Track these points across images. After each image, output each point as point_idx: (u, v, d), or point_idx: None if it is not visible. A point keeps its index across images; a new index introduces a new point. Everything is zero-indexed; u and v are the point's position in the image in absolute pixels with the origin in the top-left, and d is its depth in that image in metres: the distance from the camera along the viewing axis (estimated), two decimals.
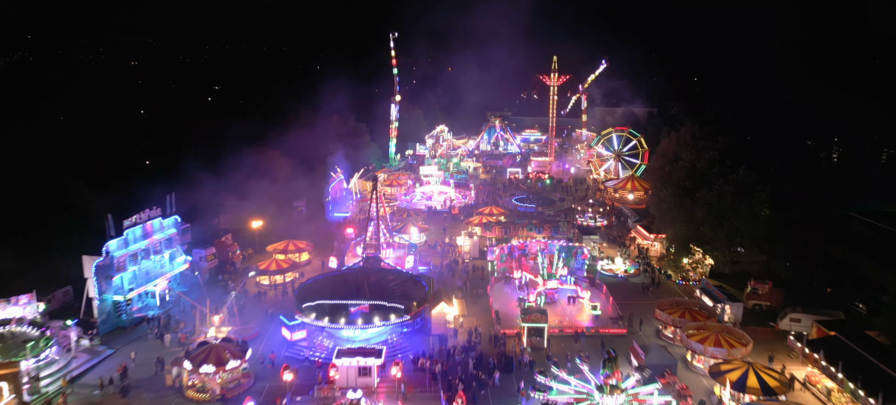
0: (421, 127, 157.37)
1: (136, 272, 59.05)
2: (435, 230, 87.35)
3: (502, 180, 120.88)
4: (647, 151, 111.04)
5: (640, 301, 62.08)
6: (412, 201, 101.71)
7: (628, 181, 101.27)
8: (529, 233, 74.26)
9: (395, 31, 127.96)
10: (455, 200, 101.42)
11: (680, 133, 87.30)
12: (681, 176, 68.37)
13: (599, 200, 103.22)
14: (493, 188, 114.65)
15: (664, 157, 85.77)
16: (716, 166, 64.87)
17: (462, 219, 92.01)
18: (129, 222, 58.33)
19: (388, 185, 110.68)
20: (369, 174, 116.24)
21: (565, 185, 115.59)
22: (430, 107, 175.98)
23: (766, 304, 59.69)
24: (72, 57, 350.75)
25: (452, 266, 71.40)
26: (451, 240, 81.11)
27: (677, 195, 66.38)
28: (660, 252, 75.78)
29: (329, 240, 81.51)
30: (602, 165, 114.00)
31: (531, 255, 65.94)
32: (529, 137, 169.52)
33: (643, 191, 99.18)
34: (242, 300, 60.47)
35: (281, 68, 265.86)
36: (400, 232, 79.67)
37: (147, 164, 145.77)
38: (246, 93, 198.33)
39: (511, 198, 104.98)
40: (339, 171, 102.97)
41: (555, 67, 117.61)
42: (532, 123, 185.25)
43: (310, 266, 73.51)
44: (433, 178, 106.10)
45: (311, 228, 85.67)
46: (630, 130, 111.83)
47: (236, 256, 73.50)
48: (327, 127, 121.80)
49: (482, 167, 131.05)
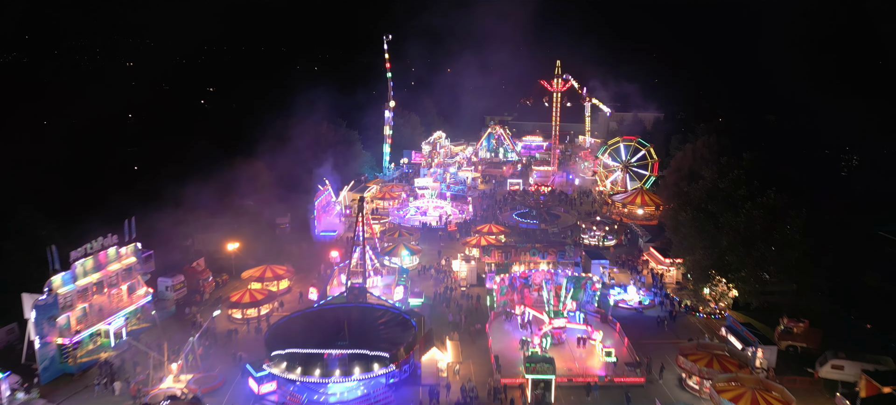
0: (417, 133, 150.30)
1: (87, 309, 52.06)
2: (429, 250, 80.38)
3: (502, 192, 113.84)
4: (657, 162, 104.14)
5: (657, 339, 55.09)
6: (405, 217, 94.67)
7: (638, 195, 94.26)
8: (532, 259, 67.18)
9: (388, 34, 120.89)
10: (451, 216, 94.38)
11: (696, 146, 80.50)
12: (701, 197, 61.30)
13: (607, 216, 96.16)
14: (492, 201, 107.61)
15: (679, 172, 78.94)
16: (742, 187, 57.82)
17: (458, 238, 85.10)
18: (78, 253, 51.34)
19: (380, 198, 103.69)
20: (361, 185, 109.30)
21: (569, 198, 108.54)
22: (427, 112, 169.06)
23: (801, 346, 52.72)
24: (66, 57, 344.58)
25: (447, 295, 64.35)
26: (446, 263, 74.16)
27: (698, 219, 59.33)
28: (676, 278, 68.85)
29: (314, 264, 74.57)
30: (608, 177, 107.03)
31: (535, 286, 58.94)
32: (531, 143, 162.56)
33: (654, 205, 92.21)
34: (208, 340, 53.50)
35: (265, 72, 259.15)
36: (390, 254, 72.65)
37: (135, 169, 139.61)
38: (224, 99, 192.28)
39: (511, 212, 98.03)
40: (328, 184, 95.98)
41: (558, 72, 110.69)
42: (533, 128, 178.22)
43: (290, 294, 66.54)
44: (428, 191, 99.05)
45: (295, 250, 78.61)
46: (639, 140, 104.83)
47: (208, 284, 66.42)
48: (316, 135, 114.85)
49: (481, 177, 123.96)
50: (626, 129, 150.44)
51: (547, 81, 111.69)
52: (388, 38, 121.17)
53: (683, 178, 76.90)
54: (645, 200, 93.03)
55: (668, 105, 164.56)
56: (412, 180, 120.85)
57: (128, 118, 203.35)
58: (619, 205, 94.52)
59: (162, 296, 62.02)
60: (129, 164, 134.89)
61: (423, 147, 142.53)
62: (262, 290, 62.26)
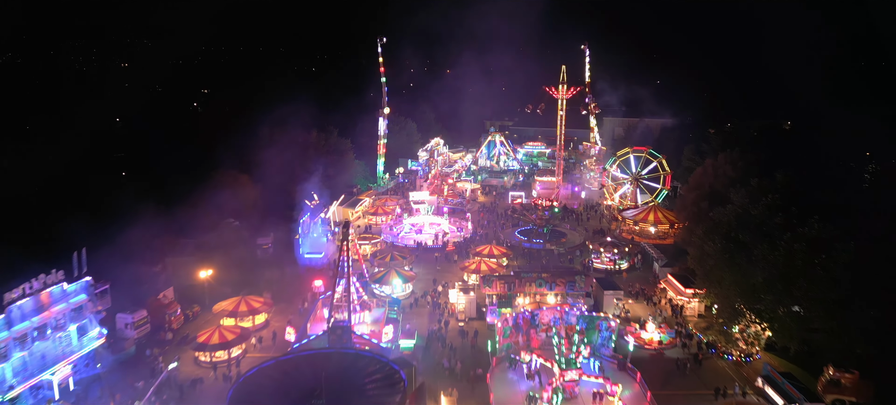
0: (414, 141, 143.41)
1: (27, 358, 44.99)
2: (424, 275, 73.40)
3: (503, 205, 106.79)
4: (670, 175, 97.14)
5: (684, 390, 48.10)
6: (399, 235, 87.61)
7: (650, 211, 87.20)
8: (538, 290, 60.12)
9: (382, 36, 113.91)
10: (449, 234, 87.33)
11: (716, 161, 73.36)
12: (730, 223, 54.24)
13: (617, 234, 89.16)
14: (493, 216, 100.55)
15: (698, 191, 71.88)
16: (778, 214, 50.75)
17: (456, 260, 78.11)
18: (14, 296, 44.28)
19: (372, 213, 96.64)
20: (352, 199, 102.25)
21: (576, 213, 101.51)
22: (425, 117, 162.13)
23: (850, 401, 45.70)
24: (61, 59, 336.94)
25: (442, 331, 57.24)
26: (443, 290, 67.18)
27: (727, 249, 52.28)
28: (698, 311, 61.86)
29: (296, 292, 67.52)
30: (617, 190, 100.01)
31: (543, 326, 51.92)
32: (533, 150, 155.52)
33: (668, 223, 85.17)
34: (165, 393, 46.43)
35: (250, 75, 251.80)
36: (380, 281, 65.57)
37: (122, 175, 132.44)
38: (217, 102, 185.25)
39: (513, 229, 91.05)
40: (316, 199, 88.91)
41: (563, 79, 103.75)
42: (535, 134, 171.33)
43: (268, 329, 59.52)
44: (424, 207, 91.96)
45: (277, 275, 71.61)
46: (650, 150, 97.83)
47: (175, 319, 59.30)
48: (305, 144, 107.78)
49: (480, 188, 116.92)
50: (632, 135, 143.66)
51: (551, 87, 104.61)
52: (382, 41, 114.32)
53: (703, 196, 69.87)
54: (658, 217, 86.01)
55: (676, 109, 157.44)
56: (407, 192, 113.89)
57: (115, 122, 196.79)
58: (630, 223, 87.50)
59: (121, 335, 55.06)
60: (115, 171, 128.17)
61: (419, 154, 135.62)
62: (234, 328, 55.11)
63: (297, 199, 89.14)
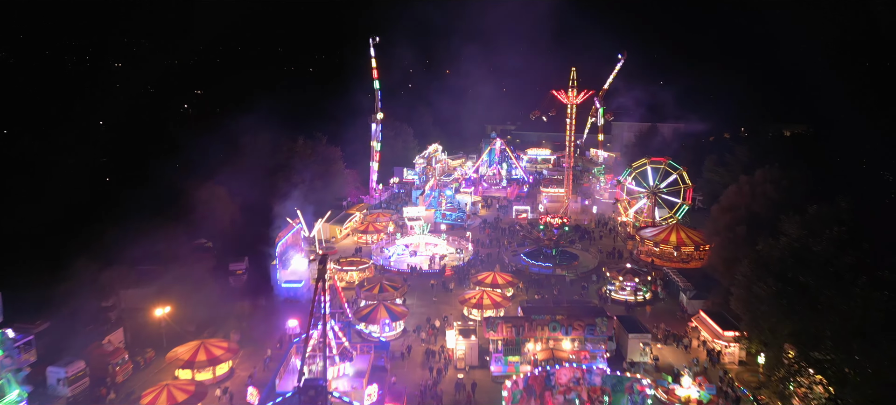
0: (410, 147, 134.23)
1: None
2: (418, 306, 64.31)
3: (507, 220, 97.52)
4: (691, 189, 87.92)
5: None
6: (391, 258, 78.37)
7: (672, 231, 77.97)
8: (552, 335, 50.84)
9: (375, 35, 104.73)
10: (447, 257, 78.06)
11: (754, 179, 64.09)
12: (784, 260, 44.98)
13: (635, 257, 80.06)
14: (496, 233, 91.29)
15: (733, 213, 62.68)
16: (847, 252, 41.50)
17: (453, 288, 68.97)
18: None
19: (361, 231, 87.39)
20: (341, 214, 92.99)
21: (586, 229, 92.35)
22: (422, 121, 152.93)
23: None
24: (56, 58, 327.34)
25: (437, 387, 47.98)
26: (440, 326, 58.05)
27: (784, 293, 43.03)
28: (738, 357, 52.69)
29: (269, 331, 58.26)
30: (632, 205, 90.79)
31: (560, 388, 42.72)
32: (537, 157, 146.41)
33: (693, 244, 75.94)
34: None
35: (231, 73, 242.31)
36: (366, 319, 56.35)
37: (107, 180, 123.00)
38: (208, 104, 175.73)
39: (518, 249, 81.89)
40: (299, 216, 79.73)
41: (573, 82, 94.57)
42: (538, 140, 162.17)
43: (234, 379, 50.31)
44: (419, 225, 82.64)
45: (250, 308, 62.39)
46: (669, 162, 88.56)
47: (121, 369, 49.95)
48: (289, 152, 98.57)
49: (482, 201, 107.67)
50: (644, 141, 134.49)
51: (560, 90, 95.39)
52: (375, 41, 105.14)
53: (739, 220, 60.61)
54: (681, 238, 76.78)
55: (692, 114, 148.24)
56: (403, 206, 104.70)
57: (98, 125, 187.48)
58: (650, 244, 78.26)
59: (52, 393, 45.84)
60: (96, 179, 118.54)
61: (416, 161, 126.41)
62: (187, 386, 45.72)
63: (279, 216, 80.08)
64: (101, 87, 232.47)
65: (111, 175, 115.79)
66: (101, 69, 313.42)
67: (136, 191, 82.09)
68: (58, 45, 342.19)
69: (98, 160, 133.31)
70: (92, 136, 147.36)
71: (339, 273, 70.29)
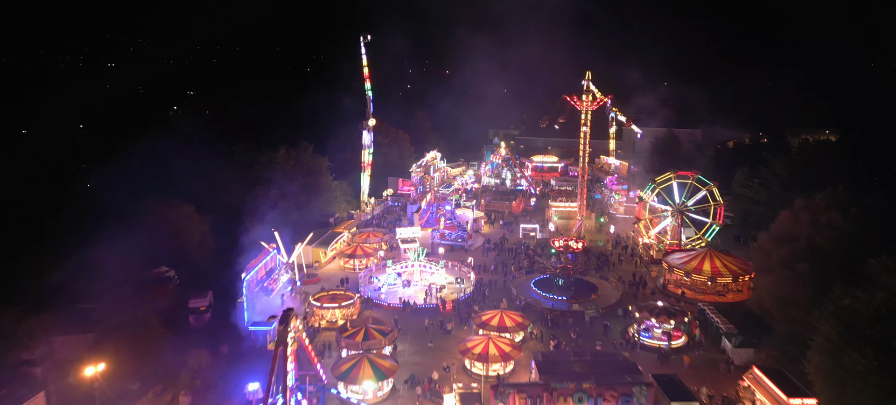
0: (405, 155, 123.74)
1: None
2: (411, 353, 54.09)
3: (514, 240, 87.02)
4: (723, 206, 77.50)
5: None
6: (380, 291, 67.90)
7: (705, 258, 67.48)
8: None
9: (366, 34, 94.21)
10: (445, 289, 67.58)
11: (813, 203, 53.61)
12: (882, 321, 34.60)
13: (661, 287, 69.71)
14: (501, 255, 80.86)
15: (789, 245, 52.21)
16: None
17: (452, 329, 58.60)
18: None
19: (349, 254, 76.92)
20: (326, 234, 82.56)
21: (602, 251, 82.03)
22: (420, 127, 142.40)
23: None
24: (49, 58, 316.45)
25: None
26: (439, 380, 47.81)
27: (889, 368, 32.66)
28: None
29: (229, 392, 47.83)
30: (655, 224, 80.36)
31: None
32: (543, 165, 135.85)
33: (730, 274, 65.49)
34: None
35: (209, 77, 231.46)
36: (346, 378, 45.93)
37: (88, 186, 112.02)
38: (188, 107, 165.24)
39: (527, 277, 71.52)
40: (277, 239, 69.39)
41: (587, 86, 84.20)
42: (544, 146, 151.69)
43: None
44: (414, 249, 72.11)
45: (206, 359, 51.91)
46: (698, 176, 78.03)
47: None
48: (270, 165, 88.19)
49: (485, 216, 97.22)
50: (659, 147, 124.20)
51: (573, 96, 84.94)
52: (367, 39, 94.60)
53: (799, 255, 50.17)
54: (716, 267, 66.29)
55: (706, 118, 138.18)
56: (396, 223, 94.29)
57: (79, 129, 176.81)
58: (679, 273, 67.75)
59: None
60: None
61: (411, 171, 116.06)
62: None
63: (253, 240, 69.72)
64: (92, 87, 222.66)
65: (48, 189, 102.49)
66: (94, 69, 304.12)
67: (79, 207, 71.68)
68: (54, 45, 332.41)
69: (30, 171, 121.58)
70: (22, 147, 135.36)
71: (319, 311, 59.91)
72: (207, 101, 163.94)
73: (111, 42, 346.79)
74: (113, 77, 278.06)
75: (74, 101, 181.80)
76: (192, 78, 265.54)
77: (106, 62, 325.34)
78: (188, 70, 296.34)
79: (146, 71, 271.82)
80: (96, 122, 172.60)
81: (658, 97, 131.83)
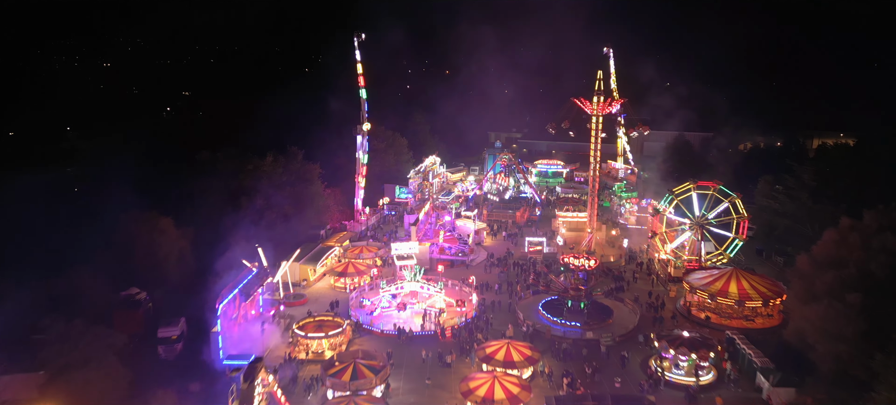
0: (403, 160, 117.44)
1: None
2: (406, 391, 47.92)
3: (519, 253, 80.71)
4: (747, 220, 71.24)
5: None
6: (374, 315, 61.61)
7: (730, 279, 61.20)
8: None
9: (360, 31, 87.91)
10: (445, 314, 61.26)
11: (862, 225, 47.34)
12: None
13: (683, 309, 63.49)
14: (506, 272, 74.61)
15: (837, 270, 45.98)
16: None
17: (452, 362, 52.40)
18: None
19: (339, 272, 70.57)
20: (316, 248, 76.35)
21: (615, 267, 75.83)
22: (418, 130, 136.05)
23: None
24: (43, 58, 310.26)
25: None
26: None
27: None
28: None
29: None
30: (672, 238, 74.07)
31: None
32: (547, 170, 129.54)
33: (760, 297, 59.26)
34: None
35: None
36: None
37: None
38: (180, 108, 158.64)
39: (534, 299, 65.27)
40: (261, 255, 63.16)
41: (600, 87, 77.89)
42: (548, 150, 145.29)
43: None
44: (411, 266, 65.72)
45: (176, 399, 45.63)
46: (720, 187, 71.73)
47: None
48: (256, 173, 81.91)
49: (487, 227, 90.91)
50: (671, 151, 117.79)
51: (583, 99, 78.56)
52: (361, 38, 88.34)
53: (849, 283, 43.92)
54: (744, 289, 60.00)
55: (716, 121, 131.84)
56: (392, 233, 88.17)
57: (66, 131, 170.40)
58: (703, 295, 61.45)
59: None
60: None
61: (409, 177, 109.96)
62: None
63: (234, 256, 63.41)
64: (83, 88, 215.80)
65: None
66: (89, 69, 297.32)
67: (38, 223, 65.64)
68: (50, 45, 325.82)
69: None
70: None
71: (304, 341, 53.63)
72: (195, 102, 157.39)
73: (107, 41, 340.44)
74: (108, 77, 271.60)
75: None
76: (185, 78, 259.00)
77: (102, 62, 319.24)
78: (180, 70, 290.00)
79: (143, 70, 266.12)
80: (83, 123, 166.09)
81: (674, 98, 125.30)
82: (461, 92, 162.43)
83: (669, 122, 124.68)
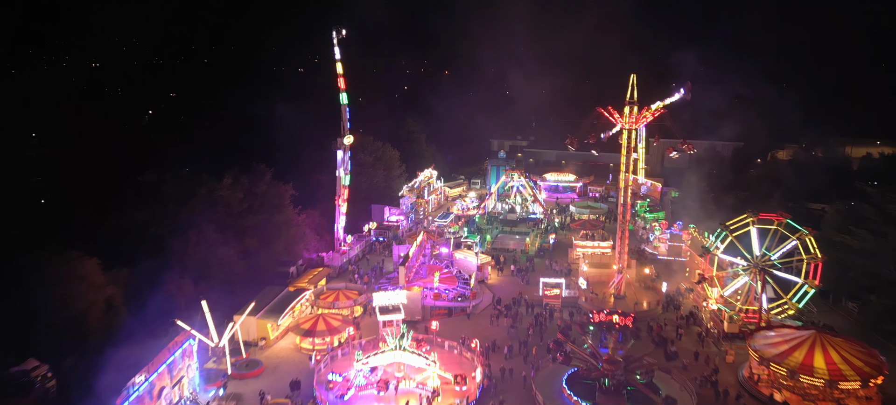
0: (395, 175, 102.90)
1: None
2: None
3: (533, 297, 65.71)
4: (821, 262, 56.46)
5: None
6: (345, 398, 46.79)
7: (814, 347, 46.64)
8: None
9: (340, 28, 73.17)
10: (439, 395, 46.50)
11: None
12: None
13: (750, 384, 48.92)
14: (517, 324, 59.92)
15: None
16: None
17: None
18: None
19: (307, 330, 55.74)
20: (282, 293, 61.68)
21: (652, 320, 61.08)
22: (413, 140, 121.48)
23: None
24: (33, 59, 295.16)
25: None
26: None
27: None
28: None
29: None
30: (723, 284, 59.44)
31: None
32: (558, 184, 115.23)
33: (859, 376, 44.68)
34: None
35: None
36: None
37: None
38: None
39: (555, 371, 50.54)
40: (205, 311, 48.69)
41: (633, 96, 63.18)
42: (558, 159, 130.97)
43: None
44: (396, 328, 50.80)
45: None
46: (788, 220, 57.01)
47: None
48: (209, 197, 67.30)
49: (492, 260, 76.13)
50: (694, 163, 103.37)
51: (611, 109, 63.91)
52: (341, 35, 73.63)
53: None
54: (834, 363, 45.46)
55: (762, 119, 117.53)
56: (379, 271, 73.71)
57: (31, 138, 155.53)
58: (777, 369, 46.78)
59: None
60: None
61: (402, 194, 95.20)
62: None
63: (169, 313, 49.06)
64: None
65: None
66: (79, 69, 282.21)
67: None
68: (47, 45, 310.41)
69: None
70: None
71: None
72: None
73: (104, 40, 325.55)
74: (101, 77, 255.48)
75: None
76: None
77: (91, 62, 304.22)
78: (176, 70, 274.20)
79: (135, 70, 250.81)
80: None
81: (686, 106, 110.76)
82: (461, 94, 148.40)
83: (696, 130, 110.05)
